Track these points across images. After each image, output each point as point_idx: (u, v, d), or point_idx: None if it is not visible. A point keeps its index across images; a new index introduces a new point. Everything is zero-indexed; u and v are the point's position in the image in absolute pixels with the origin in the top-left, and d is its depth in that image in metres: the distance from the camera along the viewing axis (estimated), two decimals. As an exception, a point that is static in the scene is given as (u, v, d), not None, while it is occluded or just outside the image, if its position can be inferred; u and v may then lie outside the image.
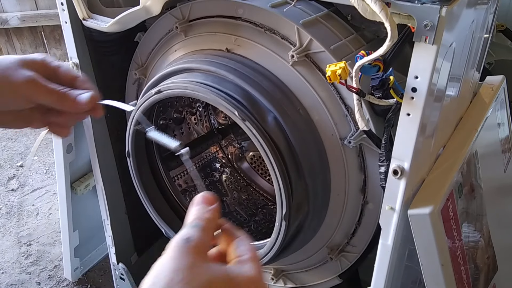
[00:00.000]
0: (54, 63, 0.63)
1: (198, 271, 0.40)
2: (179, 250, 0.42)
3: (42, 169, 2.09)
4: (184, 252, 0.42)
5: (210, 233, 0.46)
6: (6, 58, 0.61)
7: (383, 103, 0.65)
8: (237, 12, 0.81)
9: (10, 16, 2.82)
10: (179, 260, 0.41)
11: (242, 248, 0.45)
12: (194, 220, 0.45)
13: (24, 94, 0.60)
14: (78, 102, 0.61)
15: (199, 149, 1.23)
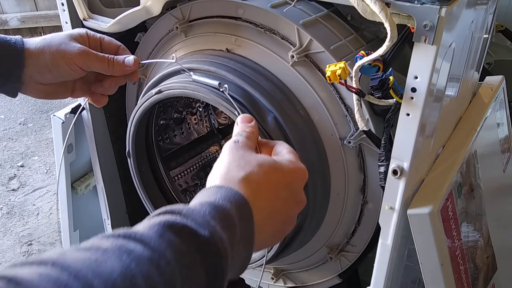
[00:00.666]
0: (96, 35, 0.71)
1: (249, 158, 0.50)
2: (230, 149, 0.52)
3: (43, 169, 2.09)
4: (235, 149, 0.52)
5: (254, 140, 0.56)
6: (55, 36, 0.68)
7: (383, 103, 0.65)
8: (237, 12, 0.81)
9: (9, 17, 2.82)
10: (232, 154, 0.51)
11: (281, 147, 0.56)
12: (238, 132, 0.57)
13: (79, 64, 0.67)
14: (126, 64, 0.69)
15: (199, 149, 1.23)
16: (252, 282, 1.05)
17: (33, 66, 0.67)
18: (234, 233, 0.42)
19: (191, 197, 1.18)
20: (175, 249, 0.37)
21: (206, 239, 0.39)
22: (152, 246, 0.36)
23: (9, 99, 2.73)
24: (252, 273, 1.03)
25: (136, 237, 0.36)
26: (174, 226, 0.38)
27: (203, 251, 0.39)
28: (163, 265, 0.35)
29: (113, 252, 0.34)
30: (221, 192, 0.45)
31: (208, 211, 0.42)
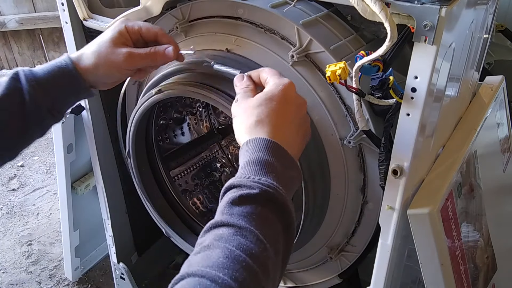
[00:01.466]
0: (134, 27, 0.75)
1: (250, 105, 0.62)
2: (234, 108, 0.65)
3: (43, 169, 2.09)
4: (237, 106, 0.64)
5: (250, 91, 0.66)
6: (101, 46, 0.74)
7: (383, 103, 0.65)
8: (237, 13, 0.81)
9: (7, 18, 2.80)
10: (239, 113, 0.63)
11: (264, 74, 0.67)
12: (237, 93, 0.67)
13: (126, 67, 0.75)
14: (167, 56, 0.75)
15: (199, 149, 1.23)
16: (252, 282, 1.05)
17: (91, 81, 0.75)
18: (275, 169, 0.55)
19: (191, 197, 1.18)
20: (244, 214, 0.51)
21: (258, 194, 0.52)
22: (231, 223, 0.50)
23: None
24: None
25: (219, 223, 0.51)
26: (235, 201, 0.52)
27: (261, 201, 0.52)
28: (244, 231, 0.49)
29: (212, 243, 0.49)
30: (249, 146, 0.58)
31: (250, 169, 0.55)
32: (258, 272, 0.48)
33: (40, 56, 3.03)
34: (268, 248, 0.50)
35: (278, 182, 0.54)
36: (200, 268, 0.46)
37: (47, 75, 0.72)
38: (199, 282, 0.45)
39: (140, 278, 1.34)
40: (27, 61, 3.03)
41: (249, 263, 0.47)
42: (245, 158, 0.57)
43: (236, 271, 0.46)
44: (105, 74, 0.75)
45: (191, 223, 1.10)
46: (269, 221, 0.52)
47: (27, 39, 2.95)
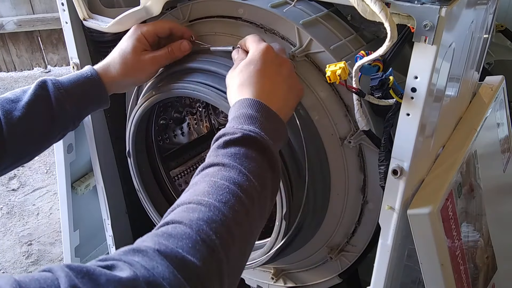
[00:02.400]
0: (149, 31, 0.81)
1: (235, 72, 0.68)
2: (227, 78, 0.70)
3: (43, 169, 2.09)
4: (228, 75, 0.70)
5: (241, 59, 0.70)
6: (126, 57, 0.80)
7: (383, 103, 0.65)
8: (238, 12, 0.81)
9: (5, 20, 2.79)
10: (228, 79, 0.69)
11: (247, 44, 0.72)
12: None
13: (152, 71, 0.83)
14: (184, 51, 0.83)
15: (199, 149, 1.23)
16: (252, 282, 1.05)
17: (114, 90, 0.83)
18: (257, 120, 0.61)
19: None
20: (228, 154, 0.57)
21: (241, 137, 0.58)
22: (216, 162, 0.56)
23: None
24: (252, 273, 1.03)
25: (206, 165, 0.57)
26: (220, 145, 0.58)
27: (244, 143, 0.58)
28: (228, 167, 0.55)
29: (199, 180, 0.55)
30: (234, 106, 0.64)
31: (235, 121, 0.61)
32: (242, 197, 0.53)
33: (39, 58, 3.02)
34: (252, 179, 0.55)
35: (261, 130, 0.60)
36: (188, 197, 0.52)
37: (73, 83, 0.76)
38: (187, 207, 0.50)
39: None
40: (25, 63, 3.02)
41: (233, 189, 0.53)
42: (231, 115, 0.63)
43: (220, 195, 0.52)
44: (132, 82, 0.84)
45: (191, 223, 1.10)
46: (252, 159, 0.57)
47: (25, 41, 2.94)
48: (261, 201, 0.57)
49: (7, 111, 0.71)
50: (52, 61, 3.03)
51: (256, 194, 0.55)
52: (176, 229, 0.47)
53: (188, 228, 0.47)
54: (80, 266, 0.42)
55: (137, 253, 0.45)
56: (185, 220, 0.48)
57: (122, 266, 0.43)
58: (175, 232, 0.47)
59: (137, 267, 0.43)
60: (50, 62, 3.04)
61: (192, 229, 0.47)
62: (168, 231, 0.48)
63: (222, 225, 0.49)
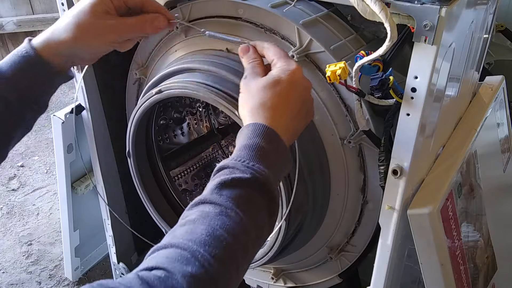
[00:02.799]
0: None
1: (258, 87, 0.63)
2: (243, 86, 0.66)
3: (43, 169, 2.09)
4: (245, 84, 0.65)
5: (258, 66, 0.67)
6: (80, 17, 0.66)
7: (383, 103, 0.65)
8: (237, 12, 0.81)
9: (5, 21, 2.78)
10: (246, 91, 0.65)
11: (270, 56, 0.67)
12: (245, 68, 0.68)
13: (112, 40, 0.69)
14: (158, 27, 0.71)
15: (199, 149, 1.23)
16: (252, 282, 1.05)
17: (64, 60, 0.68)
18: (268, 156, 0.58)
19: (191, 197, 1.18)
20: (233, 197, 0.53)
21: (249, 179, 0.55)
22: (219, 203, 0.53)
23: (9, 99, 2.73)
24: (252, 273, 1.03)
25: (207, 201, 0.53)
26: (226, 182, 0.54)
27: (251, 186, 0.55)
28: (230, 212, 0.52)
29: (198, 219, 0.52)
30: (248, 130, 0.60)
31: (245, 152, 0.58)
32: (237, 252, 0.51)
33: (39, 58, 3.02)
34: (251, 230, 0.53)
35: (269, 169, 0.58)
36: (183, 241, 0.49)
37: (10, 68, 0.65)
38: (180, 254, 0.48)
39: (140, 278, 1.34)
40: (26, 62, 3.02)
41: (230, 243, 0.50)
42: (242, 141, 0.60)
43: (216, 249, 0.49)
44: (85, 48, 0.69)
45: (191, 223, 1.10)
46: (256, 206, 0.55)
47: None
48: (254, 251, 0.56)
49: None
50: (52, 61, 3.03)
51: (251, 247, 0.54)
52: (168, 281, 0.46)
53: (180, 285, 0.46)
54: None
55: None
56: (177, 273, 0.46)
57: None
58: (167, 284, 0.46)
59: None
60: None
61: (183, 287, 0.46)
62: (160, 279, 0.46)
63: (211, 285, 0.48)
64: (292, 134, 0.65)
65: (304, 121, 0.67)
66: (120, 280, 0.46)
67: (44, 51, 0.66)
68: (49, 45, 0.67)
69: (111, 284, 0.45)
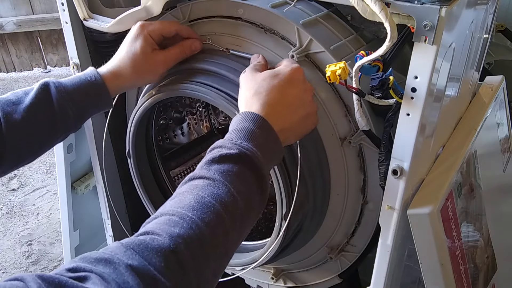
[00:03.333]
0: (155, 30, 0.80)
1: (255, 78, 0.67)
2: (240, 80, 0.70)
3: (43, 169, 2.09)
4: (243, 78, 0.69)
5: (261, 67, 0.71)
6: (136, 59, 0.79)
7: (383, 103, 0.65)
8: (237, 12, 0.81)
9: (5, 21, 2.78)
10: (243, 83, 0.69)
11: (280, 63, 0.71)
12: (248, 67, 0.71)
13: (164, 71, 0.83)
14: (195, 49, 0.83)
15: (199, 149, 1.23)
16: (252, 282, 1.05)
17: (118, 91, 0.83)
18: (257, 138, 0.60)
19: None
20: (221, 171, 0.56)
21: (237, 154, 0.57)
22: (207, 176, 0.56)
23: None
24: (252, 273, 1.03)
25: (196, 176, 0.57)
26: (215, 159, 0.57)
27: (238, 161, 0.57)
28: (218, 183, 0.54)
29: (187, 191, 0.55)
30: (239, 117, 0.63)
31: (234, 134, 0.60)
32: (225, 219, 0.53)
33: (38, 59, 3.02)
34: (239, 201, 0.55)
35: (258, 150, 0.59)
36: (172, 208, 0.52)
37: (76, 87, 0.76)
38: (169, 218, 0.50)
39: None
40: (25, 64, 3.02)
41: (218, 208, 0.52)
42: (232, 126, 0.62)
43: (204, 213, 0.51)
44: (140, 83, 0.85)
45: (191, 223, 1.10)
46: (243, 179, 0.57)
47: (25, 41, 2.93)
48: (244, 223, 0.57)
49: (8, 113, 0.71)
50: (52, 61, 3.03)
51: (239, 217, 0.55)
52: (154, 242, 0.47)
53: (166, 244, 0.47)
54: (52, 277, 0.42)
55: (109, 265, 0.45)
56: (164, 234, 0.48)
57: (95, 279, 0.43)
58: (152, 245, 0.47)
59: (109, 281, 0.43)
60: (50, 62, 3.03)
61: (169, 246, 0.47)
62: (145, 242, 0.47)
63: (199, 246, 0.49)
64: (288, 132, 0.65)
65: (304, 124, 0.68)
66: (102, 250, 0.48)
67: (111, 80, 0.78)
68: (117, 78, 0.79)
69: (94, 254, 0.47)
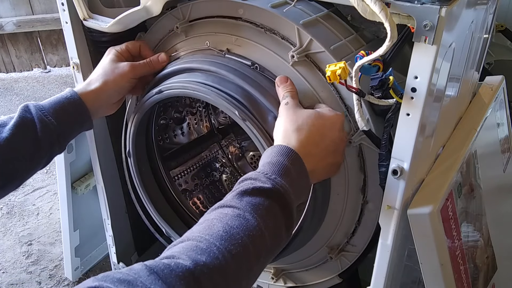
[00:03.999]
0: (122, 48, 0.90)
1: (300, 114, 0.68)
2: (284, 110, 0.69)
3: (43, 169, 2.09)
4: (286, 109, 0.69)
5: (297, 97, 0.71)
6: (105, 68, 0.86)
7: (383, 103, 0.65)
8: (238, 12, 0.81)
9: (5, 21, 2.77)
10: (285, 115, 0.68)
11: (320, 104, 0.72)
12: (284, 95, 0.71)
13: (132, 77, 0.87)
14: (162, 61, 0.89)
15: (199, 149, 1.23)
16: (252, 282, 1.05)
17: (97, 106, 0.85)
18: (291, 175, 0.60)
19: (191, 197, 1.18)
20: (252, 203, 0.55)
21: (270, 189, 0.57)
22: (238, 207, 0.55)
23: (9, 99, 2.73)
24: (252, 273, 1.03)
25: (226, 205, 0.56)
26: (247, 190, 0.57)
27: (270, 196, 0.57)
28: (248, 216, 0.54)
29: (216, 218, 0.54)
30: (274, 150, 0.63)
31: (269, 168, 0.60)
32: (251, 253, 0.53)
33: (38, 59, 3.01)
34: (267, 237, 0.55)
35: (290, 187, 0.59)
36: (200, 234, 0.52)
37: (54, 105, 0.79)
38: (196, 245, 0.50)
39: (140, 278, 1.34)
40: (24, 64, 3.02)
41: (246, 242, 0.52)
42: (267, 159, 0.62)
43: (231, 245, 0.51)
44: (114, 89, 0.86)
45: (191, 223, 1.10)
46: (273, 216, 0.57)
47: (24, 42, 2.93)
48: (267, 258, 0.57)
49: None
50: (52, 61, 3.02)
51: (264, 252, 0.55)
52: (178, 268, 0.47)
53: (190, 271, 0.47)
54: None
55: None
56: (190, 261, 0.48)
57: None
58: (176, 271, 0.47)
59: None
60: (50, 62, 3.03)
61: (193, 274, 0.47)
62: (169, 267, 0.47)
63: (223, 278, 0.49)
64: (315, 173, 0.66)
65: (329, 170, 0.70)
66: (126, 271, 0.46)
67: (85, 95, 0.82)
68: (86, 90, 0.83)
69: (117, 275, 0.46)
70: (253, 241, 0.53)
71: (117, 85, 0.86)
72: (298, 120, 0.66)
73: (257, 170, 0.61)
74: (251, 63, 0.79)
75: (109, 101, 0.87)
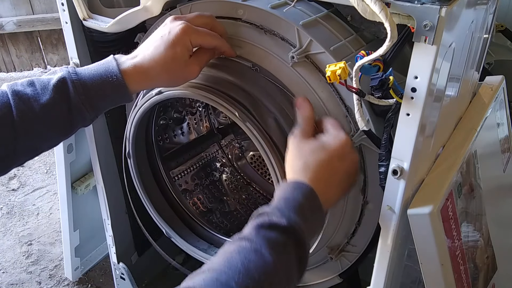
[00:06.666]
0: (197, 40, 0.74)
1: (302, 148, 0.68)
2: (288, 143, 0.70)
3: (43, 169, 2.09)
4: (291, 143, 0.70)
5: (309, 124, 0.71)
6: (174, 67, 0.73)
7: (383, 103, 0.65)
8: (237, 13, 0.81)
9: (5, 21, 2.77)
10: (290, 149, 0.69)
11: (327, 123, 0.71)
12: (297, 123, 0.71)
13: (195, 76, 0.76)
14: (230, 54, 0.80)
15: (199, 149, 1.23)
16: (252, 282, 1.05)
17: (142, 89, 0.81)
18: (305, 213, 0.62)
19: (191, 197, 1.18)
20: (267, 238, 0.58)
21: (285, 227, 0.59)
22: (254, 241, 0.57)
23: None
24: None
25: (245, 237, 0.58)
26: (264, 225, 0.59)
27: (286, 233, 0.59)
28: (263, 250, 0.56)
29: (235, 251, 0.57)
30: (289, 185, 0.64)
31: (284, 204, 0.61)
32: None
33: (38, 59, 3.02)
34: (280, 274, 0.57)
35: (304, 224, 0.61)
36: (220, 267, 0.55)
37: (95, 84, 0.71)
38: (216, 278, 0.53)
39: (140, 278, 1.34)
40: (25, 64, 3.02)
41: (262, 281, 0.55)
42: (282, 194, 0.63)
43: (248, 283, 0.53)
44: (169, 85, 0.80)
45: (191, 223, 1.10)
46: (287, 252, 0.59)
47: (25, 41, 2.93)
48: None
49: (23, 111, 0.68)
50: (52, 61, 3.03)
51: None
52: None
53: None
54: None
55: None
56: None
57: None
58: None
59: None
60: (50, 62, 3.03)
61: None
62: None
63: None
64: (330, 201, 0.67)
65: (345, 192, 0.70)
66: None
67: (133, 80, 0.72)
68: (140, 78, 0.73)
69: None
70: (268, 278, 0.56)
71: (173, 84, 0.79)
72: (302, 157, 0.67)
73: (273, 205, 0.62)
74: (252, 65, 0.79)
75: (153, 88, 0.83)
